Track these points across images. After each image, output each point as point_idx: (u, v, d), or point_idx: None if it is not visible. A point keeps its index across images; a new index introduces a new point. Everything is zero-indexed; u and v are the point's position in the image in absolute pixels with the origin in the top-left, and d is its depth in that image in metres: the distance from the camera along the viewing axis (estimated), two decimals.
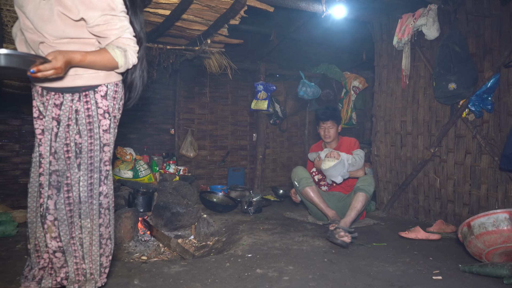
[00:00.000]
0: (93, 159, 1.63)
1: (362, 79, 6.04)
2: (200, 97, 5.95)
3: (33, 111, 1.70)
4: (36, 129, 1.68)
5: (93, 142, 1.62)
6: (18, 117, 4.77)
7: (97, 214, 1.65)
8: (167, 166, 4.86)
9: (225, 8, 3.29)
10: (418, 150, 3.86)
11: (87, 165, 1.62)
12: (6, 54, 1.26)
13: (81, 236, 1.63)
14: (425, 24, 3.60)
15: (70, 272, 1.64)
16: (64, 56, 1.41)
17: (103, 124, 1.65)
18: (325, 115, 3.61)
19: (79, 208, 1.61)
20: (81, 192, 1.61)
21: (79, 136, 1.60)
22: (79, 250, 1.64)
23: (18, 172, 4.67)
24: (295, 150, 6.83)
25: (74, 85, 1.60)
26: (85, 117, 1.61)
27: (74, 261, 1.64)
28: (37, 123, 1.68)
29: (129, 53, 1.63)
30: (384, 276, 2.20)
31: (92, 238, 1.65)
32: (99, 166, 1.65)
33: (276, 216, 3.93)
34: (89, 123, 1.62)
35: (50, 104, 1.62)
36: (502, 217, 2.25)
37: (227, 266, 2.33)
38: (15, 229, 2.98)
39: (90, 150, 1.62)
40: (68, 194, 1.61)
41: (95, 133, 1.63)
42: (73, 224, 1.61)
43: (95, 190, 1.64)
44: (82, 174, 1.61)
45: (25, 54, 1.34)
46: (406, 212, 4.01)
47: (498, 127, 3.21)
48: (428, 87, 3.75)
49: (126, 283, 2.02)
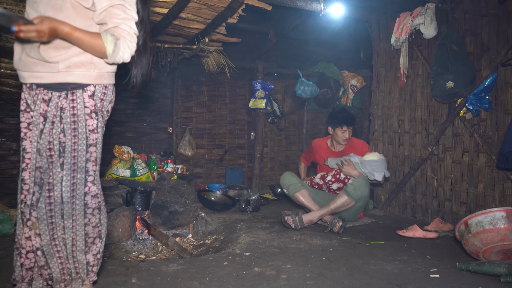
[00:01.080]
0: (76, 158, 1.58)
1: (360, 78, 6.05)
2: (198, 95, 5.94)
3: (20, 104, 1.66)
4: (22, 122, 1.65)
5: (77, 141, 1.58)
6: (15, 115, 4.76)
7: (81, 215, 1.61)
8: (165, 165, 4.85)
9: (223, 7, 3.28)
10: (416, 148, 3.87)
11: (70, 165, 1.57)
12: None
13: (64, 237, 1.59)
14: (423, 23, 3.60)
15: (55, 273, 1.62)
16: (51, 22, 1.37)
17: (90, 124, 1.61)
18: (350, 121, 3.52)
19: (61, 209, 1.57)
20: (63, 192, 1.57)
21: (63, 135, 1.56)
22: (63, 250, 1.61)
23: (16, 171, 4.66)
24: (293, 149, 6.84)
25: (65, 81, 1.55)
26: (70, 115, 1.56)
27: (58, 262, 1.61)
28: (24, 116, 1.65)
29: (121, 43, 1.53)
30: (382, 275, 2.20)
31: (75, 239, 1.61)
32: (85, 166, 1.60)
33: (274, 214, 3.93)
34: (74, 122, 1.57)
35: (39, 99, 1.57)
36: (499, 215, 2.26)
37: (225, 264, 2.33)
38: (12, 228, 2.97)
39: (74, 150, 1.58)
40: (49, 194, 1.56)
41: (80, 132, 1.59)
42: (54, 224, 1.57)
43: (79, 191, 1.59)
44: (65, 174, 1.57)
45: (10, 13, 1.28)
46: (404, 211, 4.02)
47: (495, 125, 3.22)
48: (426, 86, 3.76)
49: (124, 281, 2.02)
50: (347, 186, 3.24)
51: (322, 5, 3.57)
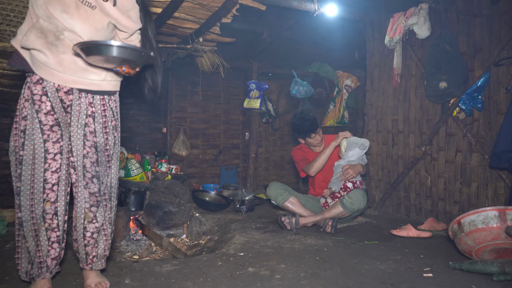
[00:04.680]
0: (118, 151, 1.94)
1: (354, 78, 6.07)
2: (193, 95, 5.93)
3: (37, 106, 1.70)
4: (45, 125, 1.72)
5: (117, 137, 1.92)
6: (7, 115, 4.72)
7: (115, 197, 1.96)
8: (159, 165, 4.83)
9: (217, 6, 3.28)
10: (410, 148, 3.89)
11: (116, 156, 1.92)
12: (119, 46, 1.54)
13: (110, 216, 1.91)
14: (416, 23, 3.62)
15: (100, 249, 1.89)
16: None
17: (118, 124, 1.93)
18: (314, 127, 3.51)
19: (110, 192, 1.89)
20: (112, 179, 1.90)
21: (106, 132, 1.85)
22: (108, 228, 1.91)
23: (8, 171, 4.62)
24: (287, 149, 6.84)
25: (107, 89, 1.84)
26: (111, 116, 1.87)
27: (104, 239, 1.90)
28: (47, 118, 1.72)
29: None
30: (376, 274, 2.21)
31: (112, 217, 1.94)
32: (118, 158, 1.95)
33: (269, 215, 3.93)
34: (116, 120, 1.90)
35: (82, 102, 1.78)
36: (492, 214, 2.28)
37: (219, 265, 2.33)
38: (5, 229, 2.95)
39: (115, 144, 1.90)
40: (106, 180, 1.87)
41: (118, 130, 1.93)
42: (106, 207, 1.88)
43: (117, 177, 1.95)
44: (113, 163, 1.90)
45: (139, 48, 1.67)
46: (398, 210, 4.03)
47: (488, 125, 3.24)
48: (420, 86, 3.78)
49: (117, 282, 2.01)
50: (344, 197, 3.18)
51: (316, 5, 3.58)
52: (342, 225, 3.39)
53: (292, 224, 3.16)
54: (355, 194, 3.15)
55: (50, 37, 1.66)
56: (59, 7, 1.65)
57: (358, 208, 3.14)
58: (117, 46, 1.53)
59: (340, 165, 3.38)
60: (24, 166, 1.70)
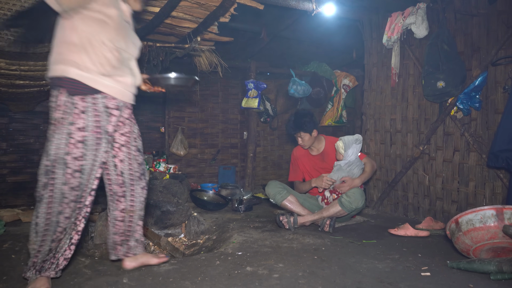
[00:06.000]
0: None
1: (352, 77, 6.07)
2: (191, 95, 5.92)
3: (77, 122, 1.81)
4: (78, 139, 1.84)
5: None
6: (5, 115, 4.71)
7: None
8: (157, 165, 4.83)
9: (214, 6, 3.27)
10: (408, 147, 3.89)
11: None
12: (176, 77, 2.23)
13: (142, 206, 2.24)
14: (414, 22, 3.62)
15: (138, 235, 2.23)
16: None
17: None
18: (295, 127, 3.48)
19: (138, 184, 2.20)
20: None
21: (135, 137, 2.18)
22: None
23: (6, 171, 4.61)
24: (285, 148, 6.85)
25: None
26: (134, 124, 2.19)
27: (138, 227, 2.22)
28: (78, 133, 1.83)
29: None
30: (374, 273, 2.21)
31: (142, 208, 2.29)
32: None
33: (267, 214, 3.93)
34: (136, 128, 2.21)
35: (123, 116, 2.09)
36: (489, 213, 2.28)
37: (217, 264, 2.32)
38: (3, 228, 2.94)
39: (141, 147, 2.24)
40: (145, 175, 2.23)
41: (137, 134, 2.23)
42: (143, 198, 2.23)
43: None
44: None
45: (186, 76, 2.29)
46: (396, 210, 4.04)
47: (485, 125, 3.25)
48: (417, 85, 3.78)
49: (115, 281, 2.00)
50: (342, 197, 3.18)
51: (314, 4, 3.58)
52: (340, 224, 3.40)
53: (290, 224, 3.16)
54: (354, 193, 3.15)
55: None
56: None
57: (356, 207, 3.14)
58: None
59: (340, 165, 3.37)
60: (84, 175, 1.88)
